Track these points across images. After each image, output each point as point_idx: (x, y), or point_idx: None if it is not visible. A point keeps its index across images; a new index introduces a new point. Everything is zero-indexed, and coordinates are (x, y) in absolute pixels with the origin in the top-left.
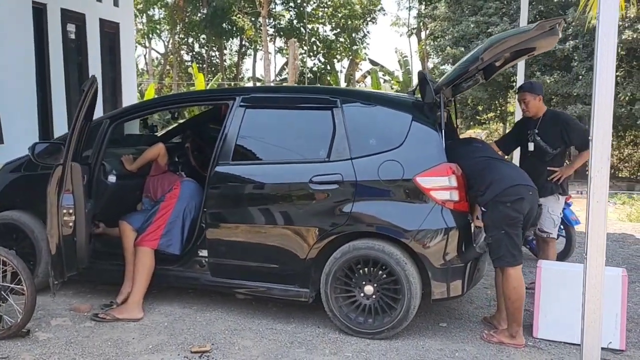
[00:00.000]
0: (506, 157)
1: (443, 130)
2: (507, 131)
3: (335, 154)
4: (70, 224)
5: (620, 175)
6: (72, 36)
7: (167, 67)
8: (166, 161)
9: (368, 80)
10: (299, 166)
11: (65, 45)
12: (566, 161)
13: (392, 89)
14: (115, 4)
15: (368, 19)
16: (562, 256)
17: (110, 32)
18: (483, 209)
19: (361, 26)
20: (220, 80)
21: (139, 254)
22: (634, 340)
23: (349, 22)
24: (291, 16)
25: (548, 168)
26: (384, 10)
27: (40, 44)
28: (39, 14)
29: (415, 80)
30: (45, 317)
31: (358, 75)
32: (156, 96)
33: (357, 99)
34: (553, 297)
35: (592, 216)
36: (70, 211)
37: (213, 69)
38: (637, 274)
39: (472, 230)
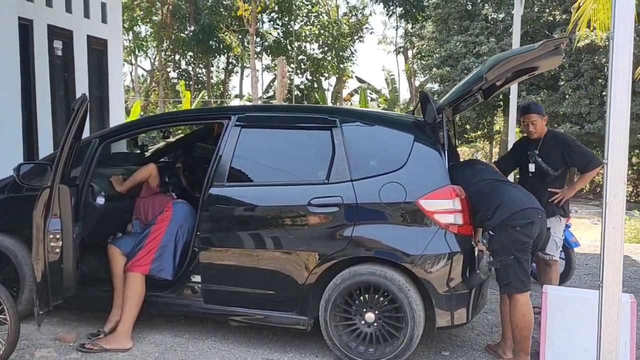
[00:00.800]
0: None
1: (446, 151)
2: (497, 152)
3: (335, 176)
4: (57, 249)
5: None
6: (59, 53)
7: (153, 84)
8: (157, 182)
9: (355, 98)
10: (297, 188)
11: (51, 62)
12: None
13: (379, 107)
14: (104, 20)
15: (355, 37)
16: (562, 278)
17: (97, 49)
18: (491, 233)
19: (348, 45)
20: (205, 97)
21: (128, 279)
22: None
23: (337, 41)
24: (278, 34)
25: (549, 189)
26: (372, 29)
27: (26, 60)
28: (25, 30)
29: (402, 99)
30: (29, 347)
31: (345, 93)
32: (142, 113)
33: (356, 118)
34: (560, 324)
35: (608, 242)
36: (58, 236)
37: (199, 86)
38: (638, 297)
39: (476, 255)
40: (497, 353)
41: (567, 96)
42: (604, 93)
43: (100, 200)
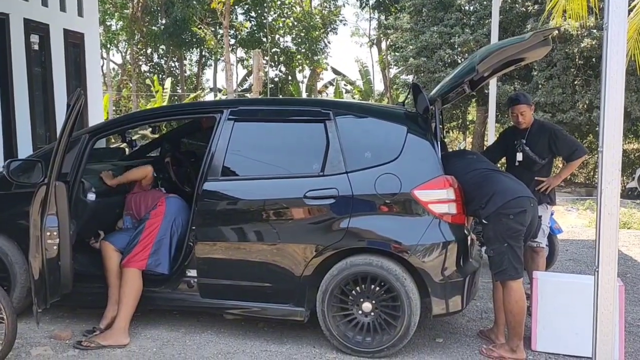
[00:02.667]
0: None
1: (438, 142)
2: (470, 142)
3: (330, 168)
4: (55, 247)
5: (577, 181)
6: (36, 47)
7: (125, 78)
8: (150, 184)
9: (330, 90)
10: (293, 181)
11: (28, 56)
12: (553, 171)
13: (353, 98)
14: (80, 14)
15: (329, 29)
16: (546, 264)
17: (74, 43)
18: (484, 221)
19: (322, 37)
20: (171, 86)
21: (126, 275)
22: (630, 350)
23: (310, 33)
24: (252, 27)
25: (536, 178)
26: (345, 21)
27: (3, 55)
28: (2, 25)
29: (376, 90)
30: (24, 346)
31: (320, 85)
32: (114, 108)
33: (350, 111)
34: (550, 309)
35: (604, 228)
36: (55, 233)
37: (173, 79)
38: (624, 281)
39: (469, 244)
40: (490, 338)
41: (540, 86)
42: (575, 82)
43: (91, 196)
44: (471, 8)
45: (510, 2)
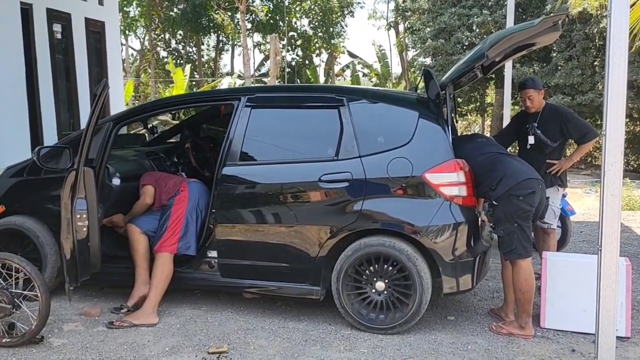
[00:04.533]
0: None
1: (449, 126)
2: (496, 124)
3: (344, 153)
4: (84, 228)
5: (596, 164)
6: (59, 36)
7: (144, 64)
8: (154, 195)
9: (347, 73)
10: (308, 165)
11: (51, 45)
12: (565, 154)
13: (370, 81)
14: (100, 2)
15: (346, 12)
16: (559, 246)
17: (95, 31)
18: (494, 202)
19: (339, 20)
20: (191, 72)
21: (158, 260)
22: (638, 327)
23: (327, 17)
24: (269, 10)
25: (547, 161)
26: (362, 3)
27: (28, 44)
28: (25, 15)
29: (394, 74)
30: (57, 322)
31: (337, 69)
32: (134, 93)
33: (363, 97)
34: (559, 288)
35: (607, 209)
36: (84, 216)
37: (190, 65)
38: (633, 262)
39: (480, 225)
40: (500, 316)
41: (559, 67)
42: (595, 63)
43: (116, 181)
44: None
45: None
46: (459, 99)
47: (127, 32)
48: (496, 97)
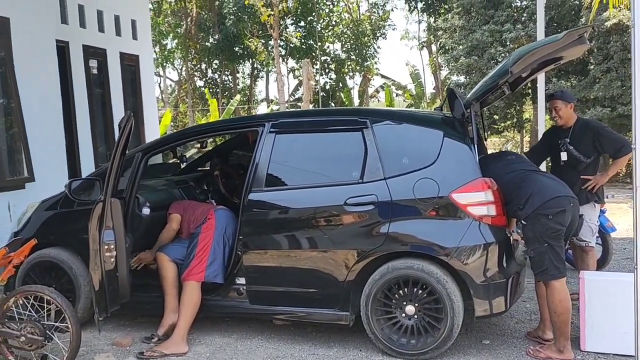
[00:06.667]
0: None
1: (475, 145)
2: (528, 141)
3: (369, 175)
4: (112, 259)
5: None
6: (95, 71)
7: (182, 94)
8: (179, 223)
9: (381, 95)
10: (333, 189)
11: (88, 80)
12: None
13: (404, 102)
14: (134, 37)
15: (378, 34)
16: (600, 264)
17: (130, 65)
18: (523, 222)
19: (371, 42)
20: (234, 104)
21: (186, 288)
22: None
23: (359, 40)
24: (302, 36)
25: (581, 177)
26: (394, 26)
27: (65, 80)
28: (62, 51)
29: (428, 93)
30: (89, 353)
31: (371, 90)
32: (172, 123)
33: (386, 118)
34: (598, 308)
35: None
36: (112, 247)
37: (227, 93)
38: None
39: (511, 244)
40: (537, 336)
41: (597, 80)
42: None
43: (146, 210)
44: (523, 4)
45: None
46: (495, 116)
47: (164, 64)
48: (533, 113)
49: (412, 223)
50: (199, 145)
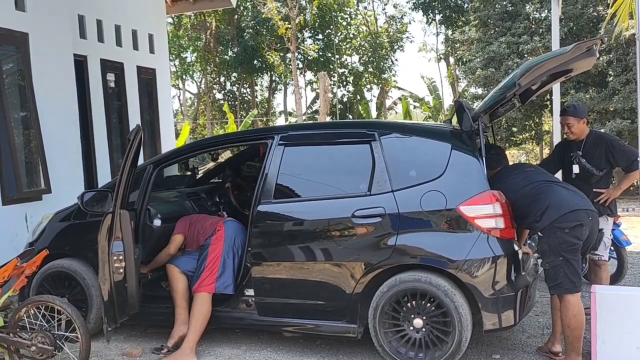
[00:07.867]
0: None
1: (484, 158)
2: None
3: (377, 187)
4: (121, 270)
5: None
6: (112, 84)
7: (201, 107)
8: (184, 242)
9: (399, 107)
10: (341, 201)
11: (105, 93)
12: (612, 182)
13: (422, 114)
14: (151, 51)
15: (395, 47)
16: (615, 278)
17: (147, 78)
18: (540, 234)
19: (388, 54)
20: (252, 117)
21: (196, 300)
22: None
23: (376, 53)
24: (319, 48)
25: (594, 190)
26: (412, 38)
27: (82, 93)
28: (80, 65)
29: (446, 106)
30: None
31: (388, 102)
32: (191, 136)
33: (394, 131)
34: (610, 323)
35: None
36: (121, 258)
37: (245, 105)
38: None
39: (521, 258)
40: (548, 349)
41: (617, 92)
42: None
43: (157, 222)
44: (542, 15)
45: (581, 8)
46: (513, 128)
47: (184, 77)
48: (553, 125)
49: (419, 236)
50: (211, 157)
